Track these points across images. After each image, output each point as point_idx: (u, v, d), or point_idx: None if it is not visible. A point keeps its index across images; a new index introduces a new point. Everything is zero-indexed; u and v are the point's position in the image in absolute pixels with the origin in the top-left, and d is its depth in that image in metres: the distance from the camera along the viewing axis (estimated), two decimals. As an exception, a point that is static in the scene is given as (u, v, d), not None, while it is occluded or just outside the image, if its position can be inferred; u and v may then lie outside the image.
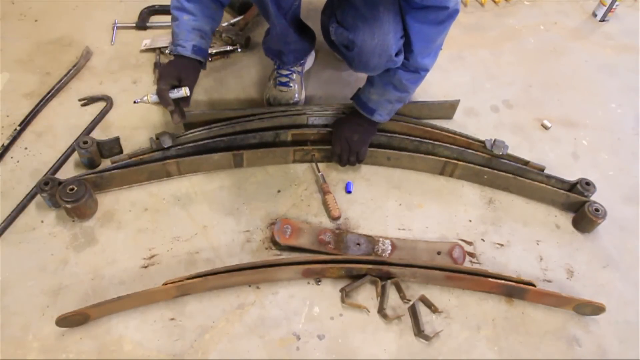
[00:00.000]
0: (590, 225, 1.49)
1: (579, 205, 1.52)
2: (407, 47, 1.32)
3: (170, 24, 1.35)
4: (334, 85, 1.80)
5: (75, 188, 1.32)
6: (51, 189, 1.33)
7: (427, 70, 1.39)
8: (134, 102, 1.33)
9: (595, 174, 1.65)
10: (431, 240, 1.44)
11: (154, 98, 1.28)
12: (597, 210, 1.47)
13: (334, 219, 1.44)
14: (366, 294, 1.33)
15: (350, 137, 1.48)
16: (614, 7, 2.19)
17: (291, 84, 1.64)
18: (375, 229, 1.45)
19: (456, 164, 1.54)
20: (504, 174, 1.53)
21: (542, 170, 1.56)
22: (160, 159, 1.44)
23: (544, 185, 1.53)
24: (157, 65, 1.76)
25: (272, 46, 1.60)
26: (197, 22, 1.31)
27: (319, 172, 1.51)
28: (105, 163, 1.47)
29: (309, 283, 1.33)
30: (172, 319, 1.24)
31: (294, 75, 1.65)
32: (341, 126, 1.51)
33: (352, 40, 1.31)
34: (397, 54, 1.30)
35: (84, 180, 1.35)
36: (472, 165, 1.54)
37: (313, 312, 1.29)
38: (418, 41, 1.30)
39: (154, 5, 1.95)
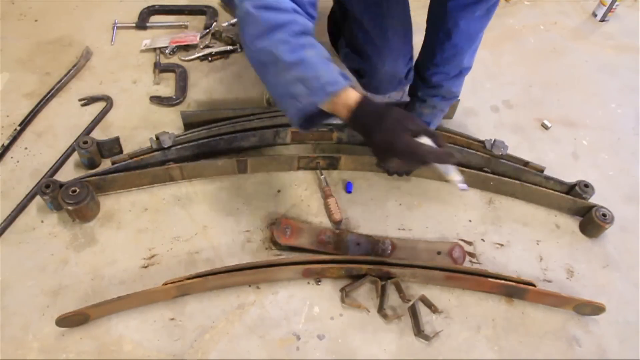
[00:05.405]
0: (598, 230, 1.48)
1: (585, 210, 1.51)
2: (452, 50, 1.31)
3: (169, 23, 1.33)
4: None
5: (78, 190, 1.32)
6: (52, 192, 1.32)
7: (470, 68, 1.38)
8: (462, 189, 1.04)
9: (595, 174, 1.65)
10: (431, 240, 1.44)
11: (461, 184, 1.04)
12: (604, 215, 1.47)
13: (335, 222, 1.44)
14: (366, 294, 1.33)
15: None
16: (614, 7, 2.19)
17: None
18: (375, 229, 1.45)
19: (462, 170, 1.52)
20: (510, 180, 1.52)
21: (542, 171, 1.55)
22: (160, 159, 1.44)
23: (551, 191, 1.52)
24: (157, 65, 1.76)
25: None
26: (323, 50, 1.02)
27: (322, 174, 1.51)
28: (105, 163, 1.47)
29: (309, 283, 1.33)
30: (172, 319, 1.24)
31: None
32: None
33: (362, 69, 1.31)
34: (407, 75, 1.29)
35: (86, 183, 1.34)
36: (478, 172, 1.52)
37: (313, 312, 1.29)
38: (465, 41, 1.31)
39: (154, 5, 1.95)
